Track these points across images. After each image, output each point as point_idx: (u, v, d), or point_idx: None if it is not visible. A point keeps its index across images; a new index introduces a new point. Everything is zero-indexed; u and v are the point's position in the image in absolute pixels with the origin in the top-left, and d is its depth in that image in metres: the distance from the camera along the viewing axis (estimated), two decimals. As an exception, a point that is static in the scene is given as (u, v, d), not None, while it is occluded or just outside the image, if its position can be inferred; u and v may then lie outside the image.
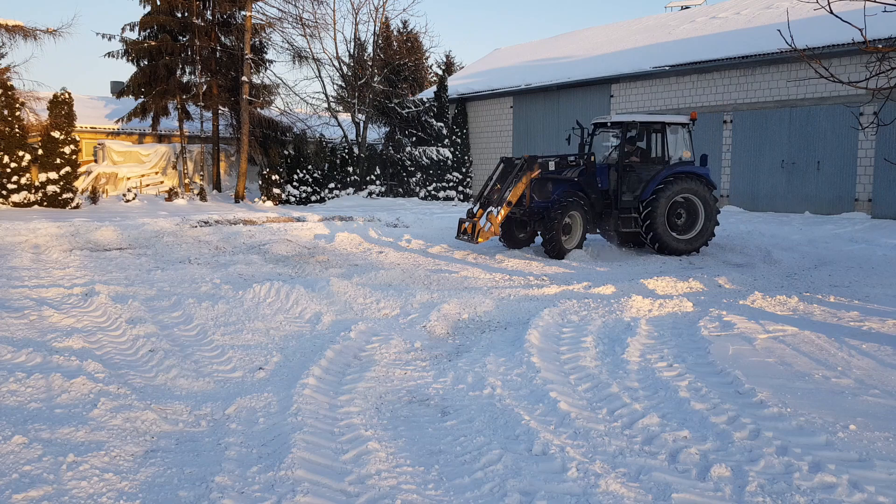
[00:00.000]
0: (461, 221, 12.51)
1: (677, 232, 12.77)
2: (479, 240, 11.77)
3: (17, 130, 19.99)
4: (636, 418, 4.57)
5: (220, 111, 27.36)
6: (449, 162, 27.69)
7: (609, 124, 13.40)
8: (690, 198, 12.78)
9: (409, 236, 14.81)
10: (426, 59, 39.36)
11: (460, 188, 27.99)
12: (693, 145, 13.54)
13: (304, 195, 24.75)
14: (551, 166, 12.49)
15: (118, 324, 7.07)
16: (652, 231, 12.55)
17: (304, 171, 24.88)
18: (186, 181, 26.54)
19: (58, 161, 20.35)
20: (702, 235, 12.86)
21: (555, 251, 12.00)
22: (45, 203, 20.25)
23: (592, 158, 12.82)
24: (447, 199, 27.59)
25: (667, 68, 21.97)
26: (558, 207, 12.01)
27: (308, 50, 28.35)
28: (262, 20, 26.71)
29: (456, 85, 30.04)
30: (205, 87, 26.24)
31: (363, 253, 12.80)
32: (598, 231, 13.24)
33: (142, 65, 25.77)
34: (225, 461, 3.93)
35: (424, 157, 27.47)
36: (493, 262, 11.67)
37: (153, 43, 25.29)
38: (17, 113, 20.19)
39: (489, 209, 11.96)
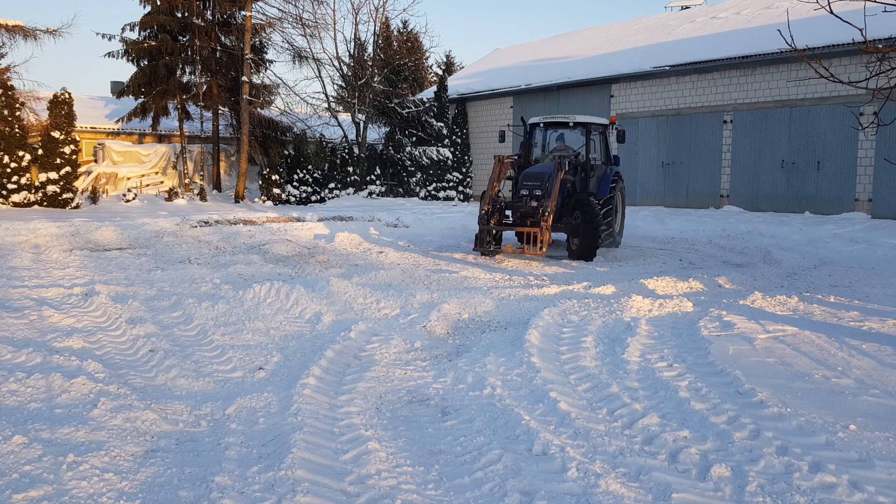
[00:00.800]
0: (482, 230, 11.68)
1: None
2: (544, 249, 11.30)
3: (17, 130, 20.00)
4: (636, 418, 4.57)
5: (220, 111, 27.37)
6: (449, 162, 27.69)
7: (572, 124, 13.47)
8: (616, 194, 13.51)
9: (409, 238, 14.80)
10: (426, 59, 39.39)
11: (460, 188, 27.99)
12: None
13: (304, 195, 24.76)
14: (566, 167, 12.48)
15: (118, 324, 7.06)
16: (610, 227, 12.94)
17: (304, 171, 24.88)
18: (186, 181, 26.55)
19: (58, 161, 20.36)
20: (621, 227, 13.93)
21: (593, 253, 11.97)
22: (45, 203, 20.25)
23: (581, 159, 12.82)
24: (447, 199, 27.59)
25: (667, 68, 21.97)
26: (597, 211, 11.99)
27: (308, 50, 28.39)
28: (262, 20, 26.74)
29: (456, 85, 30.04)
30: (205, 87, 26.24)
31: (363, 253, 12.80)
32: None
33: (142, 65, 25.78)
34: (225, 461, 3.93)
35: (424, 157, 27.48)
36: (493, 262, 11.67)
37: (153, 43, 25.30)
38: (17, 113, 20.20)
39: (543, 214, 11.32)
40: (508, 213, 12.47)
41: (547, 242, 11.30)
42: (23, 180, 19.90)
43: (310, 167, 25.06)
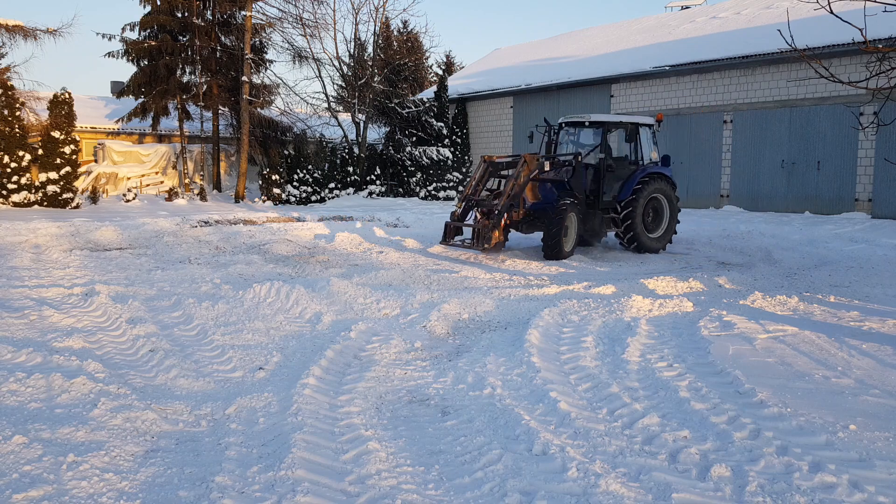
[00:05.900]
0: (447, 225, 12.43)
1: (648, 230, 12.94)
2: (486, 246, 11.49)
3: (17, 130, 19.99)
4: (636, 418, 4.57)
5: (220, 111, 27.35)
6: (449, 162, 27.68)
7: (587, 123, 13.18)
8: (658, 197, 13.01)
9: (409, 238, 14.80)
10: (426, 59, 39.36)
11: (460, 188, 27.96)
12: (657, 146, 13.78)
13: (304, 195, 24.75)
14: (546, 167, 12.39)
15: (118, 324, 7.07)
16: (631, 231, 12.65)
17: (305, 171, 24.87)
18: (186, 181, 26.54)
19: (58, 161, 20.34)
20: (668, 233, 13.21)
21: (555, 253, 11.86)
22: (46, 203, 20.25)
23: (580, 159, 12.69)
24: (447, 199, 27.58)
25: (667, 68, 21.97)
26: (560, 210, 11.84)
27: (308, 50, 28.34)
28: (262, 20, 26.72)
29: (456, 85, 30.04)
30: (205, 87, 26.23)
31: (363, 253, 12.80)
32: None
33: (142, 65, 25.76)
34: (225, 461, 3.93)
35: (424, 157, 27.47)
36: (494, 262, 11.67)
37: (153, 43, 25.29)
38: (18, 113, 20.18)
39: (495, 214, 11.57)
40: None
41: (495, 239, 11.49)
42: (23, 180, 19.89)
43: (310, 167, 25.05)
